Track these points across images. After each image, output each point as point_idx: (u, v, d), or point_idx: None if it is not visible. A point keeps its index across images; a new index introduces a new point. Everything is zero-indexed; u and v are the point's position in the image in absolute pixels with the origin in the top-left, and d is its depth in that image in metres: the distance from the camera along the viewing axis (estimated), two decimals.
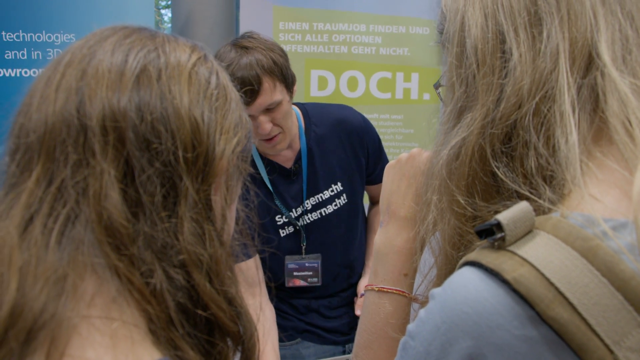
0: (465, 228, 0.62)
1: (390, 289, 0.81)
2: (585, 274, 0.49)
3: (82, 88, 0.56)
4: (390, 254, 0.83)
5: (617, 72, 0.58)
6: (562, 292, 0.49)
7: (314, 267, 1.84)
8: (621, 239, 0.51)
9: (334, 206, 1.83)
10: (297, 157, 1.79)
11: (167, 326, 0.54)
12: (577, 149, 0.56)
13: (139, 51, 0.59)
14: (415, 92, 2.74)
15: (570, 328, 0.48)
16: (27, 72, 2.45)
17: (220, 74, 0.64)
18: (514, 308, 0.50)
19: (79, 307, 0.52)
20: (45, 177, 0.54)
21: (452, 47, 0.65)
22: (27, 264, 0.51)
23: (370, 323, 0.82)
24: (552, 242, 0.51)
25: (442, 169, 0.64)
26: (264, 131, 1.60)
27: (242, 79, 1.52)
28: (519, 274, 0.50)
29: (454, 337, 0.53)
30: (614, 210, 0.53)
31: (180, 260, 0.55)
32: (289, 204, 1.80)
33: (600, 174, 0.56)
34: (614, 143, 0.57)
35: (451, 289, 0.54)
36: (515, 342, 0.50)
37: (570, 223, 0.52)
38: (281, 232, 1.82)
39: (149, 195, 0.54)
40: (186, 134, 0.56)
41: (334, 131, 1.81)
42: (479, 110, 0.60)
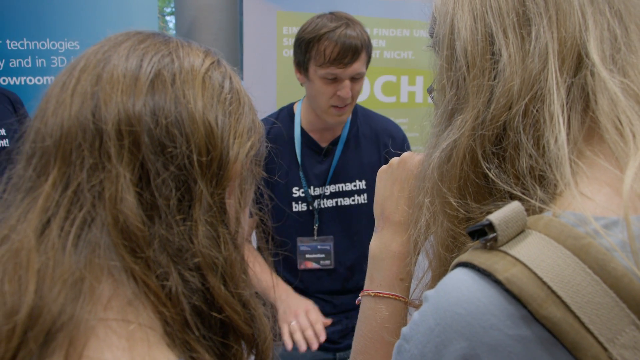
0: (458, 230, 0.62)
1: (386, 293, 0.81)
2: (578, 273, 0.49)
3: (98, 93, 0.56)
4: (386, 259, 0.83)
5: (606, 71, 0.58)
6: (555, 291, 0.49)
7: (327, 249, 1.85)
8: (613, 237, 0.51)
9: (352, 201, 1.85)
10: (334, 141, 1.85)
11: (183, 329, 0.55)
12: (566, 148, 0.56)
13: (153, 56, 0.59)
14: (420, 95, 2.74)
15: (564, 327, 0.48)
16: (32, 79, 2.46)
17: (234, 78, 0.64)
18: (507, 308, 0.50)
19: (96, 309, 0.52)
20: (62, 181, 0.55)
21: (442, 50, 0.65)
22: (44, 267, 0.52)
23: (367, 328, 0.81)
24: (544, 241, 0.51)
25: (434, 172, 0.64)
26: (346, 94, 1.71)
27: (350, 40, 1.67)
28: (511, 274, 0.50)
29: (448, 339, 0.52)
30: (606, 208, 0.53)
31: (196, 263, 0.55)
32: (310, 181, 1.83)
33: (591, 172, 0.56)
34: (605, 142, 0.56)
35: (444, 291, 0.54)
36: (509, 341, 0.50)
37: (562, 222, 0.52)
38: (294, 205, 1.84)
39: (164, 199, 0.55)
40: (200, 138, 0.57)
41: (374, 134, 1.89)
42: (470, 112, 0.60)
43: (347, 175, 1.84)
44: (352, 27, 1.70)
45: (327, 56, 1.67)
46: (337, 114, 1.76)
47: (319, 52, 1.68)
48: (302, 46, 1.73)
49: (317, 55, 1.68)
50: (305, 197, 1.84)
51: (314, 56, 1.70)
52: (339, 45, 1.65)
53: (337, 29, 1.67)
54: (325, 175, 1.84)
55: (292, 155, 1.84)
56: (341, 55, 1.66)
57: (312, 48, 1.69)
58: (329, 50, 1.66)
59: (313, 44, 1.69)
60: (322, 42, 1.67)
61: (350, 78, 1.71)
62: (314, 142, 1.85)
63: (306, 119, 1.85)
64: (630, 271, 0.49)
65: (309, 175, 1.84)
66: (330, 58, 1.66)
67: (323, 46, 1.67)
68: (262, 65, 2.64)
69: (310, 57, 1.71)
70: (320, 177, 1.84)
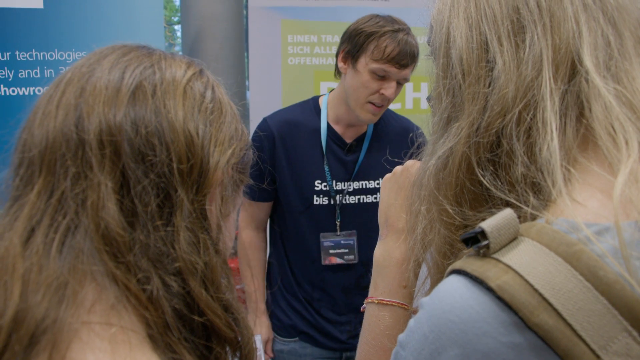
0: (454, 237, 0.62)
1: (390, 301, 0.82)
2: (570, 279, 0.49)
3: (81, 104, 0.58)
4: (390, 267, 0.83)
5: (600, 78, 0.58)
6: (546, 298, 0.49)
7: (351, 244, 1.88)
8: (604, 243, 0.51)
9: (374, 198, 1.88)
10: (358, 138, 1.88)
11: (165, 331, 0.56)
12: (557, 155, 0.56)
13: (135, 68, 0.61)
14: (425, 101, 2.74)
15: (555, 334, 0.48)
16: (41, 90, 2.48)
17: (216, 88, 0.66)
18: (499, 315, 0.50)
19: (79, 313, 0.54)
20: (47, 190, 0.57)
21: (438, 59, 0.66)
22: (29, 272, 0.54)
23: (371, 335, 0.82)
24: (536, 248, 0.51)
25: (430, 179, 0.64)
26: (391, 94, 1.76)
27: (410, 45, 1.73)
28: (503, 281, 0.50)
29: (442, 346, 0.53)
30: (598, 215, 0.53)
31: (176, 267, 0.57)
32: (334, 175, 1.86)
33: (583, 178, 0.56)
34: (599, 149, 0.57)
35: (438, 298, 0.54)
36: (501, 349, 0.50)
37: (554, 229, 0.52)
38: (315, 198, 1.86)
39: (144, 205, 0.57)
40: (181, 147, 0.59)
41: (399, 134, 1.92)
42: (465, 120, 0.61)
43: (372, 172, 1.87)
44: (411, 35, 1.75)
45: (386, 53, 1.70)
46: (373, 111, 1.79)
47: (379, 48, 1.71)
48: (359, 37, 1.75)
49: (376, 50, 1.71)
50: (328, 191, 1.86)
51: (371, 49, 1.72)
52: (400, 46, 1.70)
53: (400, 31, 1.73)
54: (349, 170, 1.86)
55: (316, 148, 1.86)
56: (400, 57, 1.70)
57: (372, 42, 1.72)
58: (390, 48, 1.70)
59: (374, 38, 1.72)
60: (384, 39, 1.71)
61: (397, 80, 1.75)
62: (339, 136, 1.87)
63: (334, 113, 1.87)
64: (622, 278, 0.49)
65: (333, 169, 1.86)
66: (389, 56, 1.70)
67: (385, 43, 1.71)
68: (267, 73, 2.66)
69: (366, 49, 1.74)
70: (344, 172, 1.86)
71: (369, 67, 1.73)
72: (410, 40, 1.74)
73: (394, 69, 1.72)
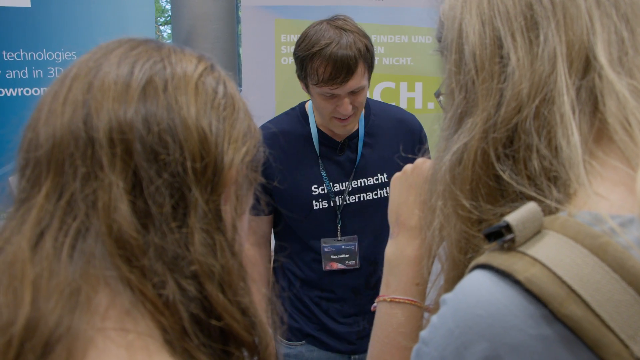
0: (471, 232, 0.62)
1: (402, 298, 0.82)
2: (597, 271, 0.50)
3: (89, 101, 0.55)
4: (402, 265, 0.84)
5: (614, 73, 0.59)
6: (575, 290, 0.49)
7: (352, 249, 1.83)
8: (629, 235, 0.51)
9: (374, 195, 1.84)
10: (351, 136, 1.82)
11: (182, 337, 0.54)
12: (579, 149, 0.57)
13: (144, 63, 0.58)
14: (420, 101, 2.74)
15: (585, 325, 0.49)
16: (29, 91, 2.44)
17: (228, 83, 0.63)
18: (527, 308, 0.50)
19: (94, 319, 0.52)
20: (55, 191, 0.54)
21: (450, 55, 0.66)
22: (39, 278, 0.51)
23: (383, 334, 0.82)
24: (562, 241, 0.52)
25: (446, 175, 0.64)
26: (345, 111, 1.66)
27: (342, 59, 1.58)
28: (531, 274, 0.50)
29: (469, 341, 0.53)
30: (621, 207, 0.54)
31: (192, 271, 0.55)
32: (331, 177, 1.82)
33: (604, 172, 0.57)
34: (614, 143, 0.58)
35: (463, 293, 0.55)
36: (530, 341, 0.50)
37: (577, 221, 0.53)
38: (314, 203, 1.81)
39: (158, 206, 0.54)
40: (194, 144, 0.56)
41: (393, 126, 1.86)
42: (480, 115, 0.61)
43: (369, 169, 1.83)
44: (346, 37, 1.61)
45: (320, 76, 1.61)
46: (340, 125, 1.73)
47: (313, 71, 1.62)
48: (297, 62, 1.69)
49: (312, 74, 1.63)
50: (327, 194, 1.82)
51: (309, 74, 1.65)
52: (330, 64, 1.58)
53: (329, 45, 1.59)
54: (346, 170, 1.83)
55: (310, 154, 1.82)
56: (334, 75, 1.59)
57: (307, 66, 1.64)
58: (322, 70, 1.60)
59: (306, 62, 1.63)
60: (315, 61, 1.61)
61: (349, 93, 1.66)
62: (330, 138, 1.83)
63: (319, 118, 1.83)
64: None
65: (329, 171, 1.82)
66: (323, 78, 1.60)
67: (316, 65, 1.61)
68: (260, 73, 2.63)
69: (306, 75, 1.67)
70: (341, 172, 1.83)
71: (315, 92, 1.68)
72: (342, 51, 1.59)
73: (337, 88, 1.62)
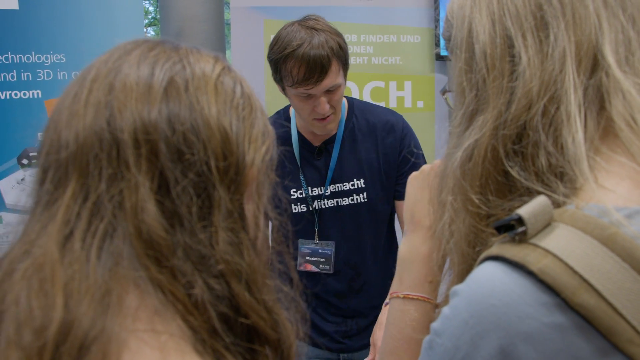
0: (480, 226, 0.64)
1: (416, 295, 0.83)
2: (607, 261, 0.52)
3: (111, 102, 0.56)
4: (416, 262, 0.85)
5: (621, 72, 0.60)
6: (587, 279, 0.51)
7: (327, 254, 1.85)
8: (635, 226, 0.53)
9: (351, 200, 1.84)
10: (328, 140, 1.83)
11: (211, 336, 0.54)
12: (583, 146, 0.59)
13: (164, 63, 0.59)
14: (409, 100, 2.75)
15: (598, 313, 0.51)
16: (17, 93, 2.42)
17: (244, 83, 0.64)
18: (541, 297, 0.52)
19: (126, 321, 0.52)
20: (81, 192, 0.54)
21: (460, 53, 0.67)
22: (70, 280, 0.51)
23: (396, 329, 0.83)
24: (572, 232, 0.54)
25: (456, 170, 0.65)
26: (323, 110, 1.66)
27: (314, 58, 1.58)
28: (543, 265, 0.52)
29: (484, 330, 0.54)
30: (627, 199, 0.56)
31: (219, 270, 0.55)
32: (308, 181, 1.83)
33: (609, 167, 0.59)
34: (620, 140, 0.59)
35: (476, 284, 0.56)
36: (545, 329, 0.52)
37: (585, 214, 0.55)
38: (293, 207, 1.83)
39: (185, 206, 0.55)
40: (217, 144, 0.57)
41: (373, 130, 1.85)
42: (491, 113, 0.63)
43: (345, 175, 1.84)
44: (317, 37, 1.61)
45: (294, 77, 1.61)
46: (320, 125, 1.74)
47: (287, 73, 1.63)
48: (271, 65, 1.70)
49: (286, 76, 1.64)
50: (305, 198, 1.84)
51: (284, 76, 1.65)
52: (304, 65, 1.59)
53: (300, 46, 1.59)
54: (322, 175, 1.84)
55: (290, 159, 1.83)
56: (308, 75, 1.60)
57: (281, 69, 1.65)
58: (295, 71, 1.60)
59: (280, 64, 1.64)
60: (288, 63, 1.61)
61: (325, 92, 1.66)
62: (307, 142, 1.84)
63: (299, 121, 1.84)
64: None
65: (307, 176, 1.84)
66: (297, 79, 1.61)
67: (289, 67, 1.61)
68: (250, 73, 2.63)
69: (281, 77, 1.67)
70: (318, 177, 1.84)
71: (291, 93, 1.69)
72: (315, 51, 1.59)
73: (312, 87, 1.62)
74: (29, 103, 2.42)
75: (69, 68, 2.45)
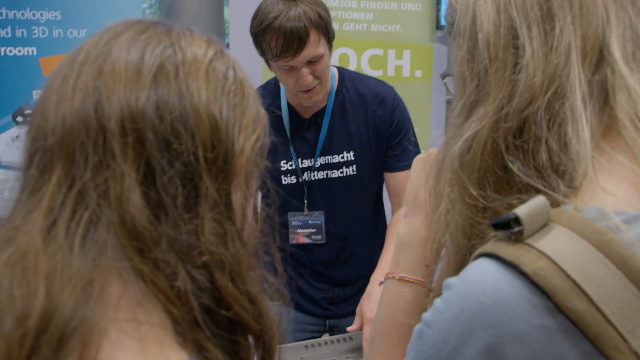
0: (476, 219, 0.63)
1: (412, 278, 0.83)
2: (601, 267, 0.51)
3: (99, 87, 0.55)
4: (415, 245, 0.85)
5: (627, 68, 0.59)
6: (579, 284, 0.51)
7: (318, 224, 1.86)
8: (633, 232, 0.53)
9: (340, 173, 1.84)
10: (318, 112, 1.82)
11: (193, 327, 0.54)
12: (588, 145, 0.57)
13: (155, 47, 0.58)
14: (407, 69, 2.73)
15: (587, 318, 0.50)
16: (12, 50, 2.40)
17: (237, 67, 0.63)
18: (532, 299, 0.52)
19: (107, 311, 0.52)
20: (66, 180, 0.54)
21: (463, 41, 0.66)
22: (53, 269, 0.51)
23: (389, 310, 0.84)
24: (568, 235, 0.53)
25: (455, 162, 0.65)
26: (305, 82, 1.65)
27: (291, 30, 1.57)
28: (537, 267, 0.52)
29: (473, 327, 0.54)
30: (626, 204, 0.55)
31: (204, 261, 0.55)
32: (298, 153, 1.83)
33: (611, 168, 0.58)
34: (622, 138, 0.58)
35: (469, 280, 0.56)
36: (533, 331, 0.52)
37: (584, 217, 0.54)
38: (283, 178, 1.84)
39: (170, 197, 0.54)
40: (205, 133, 0.56)
41: (362, 101, 1.84)
42: (491, 105, 0.61)
43: (335, 147, 1.84)
44: (295, 9, 1.59)
45: (273, 50, 1.60)
46: (306, 97, 1.73)
47: (266, 46, 1.62)
48: (253, 39, 1.68)
49: (266, 49, 1.63)
50: (295, 169, 1.84)
51: (264, 50, 1.65)
52: (281, 37, 1.57)
53: (277, 18, 1.58)
54: (312, 147, 1.84)
55: (280, 130, 1.83)
56: (286, 47, 1.58)
57: (261, 42, 1.64)
58: (273, 44, 1.59)
59: (259, 38, 1.63)
60: (266, 36, 1.60)
61: (307, 63, 1.65)
62: (297, 114, 1.84)
63: (289, 94, 1.83)
64: None
65: (296, 147, 1.84)
66: (276, 52, 1.60)
67: (267, 40, 1.60)
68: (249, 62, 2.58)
69: (261, 50, 1.67)
70: (308, 149, 1.84)
71: (274, 67, 1.68)
72: (291, 23, 1.57)
73: (291, 59, 1.61)
74: (24, 60, 2.40)
75: (65, 25, 2.42)
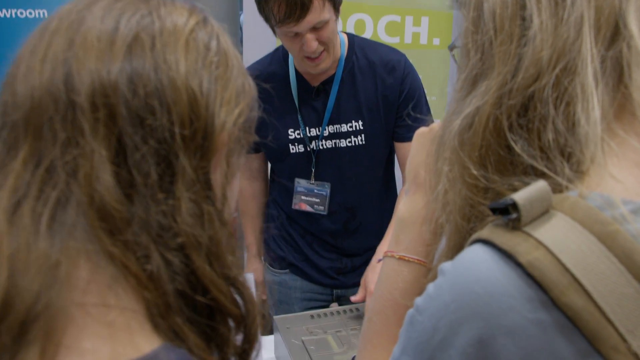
0: (476, 199, 0.60)
1: (412, 258, 0.81)
2: (602, 261, 0.48)
3: (70, 59, 0.52)
4: (416, 223, 0.82)
5: None
6: (578, 279, 0.48)
7: (323, 195, 1.85)
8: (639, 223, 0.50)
9: (348, 142, 1.82)
10: (326, 80, 1.79)
11: (167, 312, 0.52)
12: (598, 126, 0.54)
13: (131, 16, 0.54)
14: (425, 36, 2.66)
15: (584, 315, 0.48)
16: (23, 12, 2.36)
17: (221, 37, 0.59)
18: (526, 291, 0.49)
19: (74, 295, 0.50)
20: (33, 158, 0.51)
21: (468, 12, 0.62)
22: (17, 252, 0.49)
23: (387, 290, 0.81)
24: (569, 224, 0.50)
25: (454, 139, 0.61)
26: (310, 49, 1.62)
27: (290, 1, 1.53)
28: (533, 257, 0.49)
29: (464, 317, 0.52)
30: (635, 192, 0.52)
31: (179, 243, 0.52)
32: (306, 122, 1.81)
33: (621, 153, 0.55)
34: (637, 120, 0.55)
35: (462, 267, 0.53)
36: (527, 325, 0.49)
37: (588, 205, 0.51)
38: (291, 147, 1.83)
39: (143, 176, 0.51)
40: (183, 107, 0.53)
41: (374, 69, 1.80)
42: (495, 79, 0.58)
43: (344, 115, 1.80)
44: None
45: (276, 16, 1.57)
46: (312, 64, 1.69)
47: (270, 12, 1.59)
48: (257, 7, 1.64)
49: (270, 15, 1.60)
50: (303, 138, 1.81)
51: (268, 16, 1.61)
52: (283, 2, 1.54)
53: None
54: (321, 115, 1.81)
55: (287, 96, 1.80)
56: (289, 13, 1.55)
57: (264, 8, 1.60)
58: (276, 9, 1.56)
59: (263, 4, 1.59)
60: (270, 2, 1.56)
61: (311, 29, 1.61)
62: (305, 81, 1.80)
63: (296, 60, 1.79)
64: None
65: (304, 116, 1.81)
66: (279, 17, 1.56)
67: (270, 5, 1.57)
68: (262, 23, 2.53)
69: (266, 16, 1.63)
70: (316, 117, 1.81)
71: (279, 34, 1.64)
72: None
73: (295, 26, 1.57)
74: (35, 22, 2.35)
75: None
